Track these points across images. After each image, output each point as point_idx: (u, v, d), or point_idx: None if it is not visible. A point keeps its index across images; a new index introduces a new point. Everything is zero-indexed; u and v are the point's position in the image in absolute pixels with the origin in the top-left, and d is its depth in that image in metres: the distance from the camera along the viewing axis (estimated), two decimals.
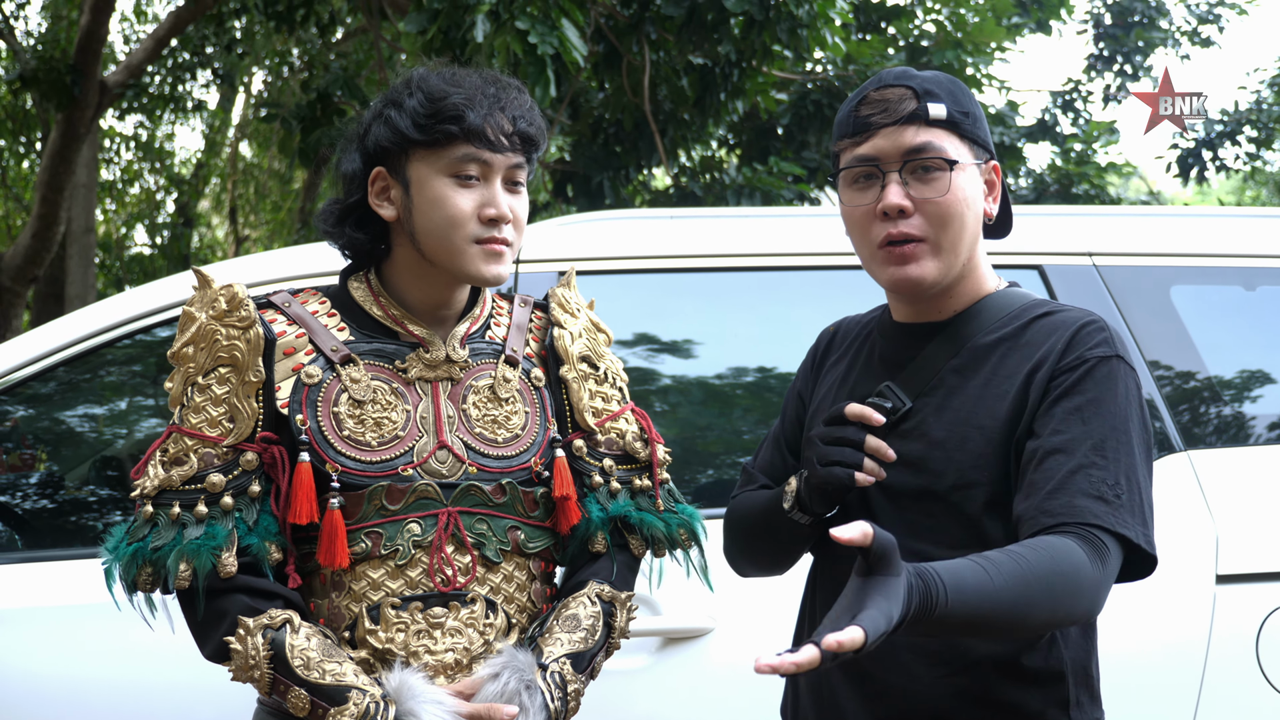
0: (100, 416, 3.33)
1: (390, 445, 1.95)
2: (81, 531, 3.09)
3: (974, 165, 1.94)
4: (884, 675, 1.89)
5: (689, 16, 7.82)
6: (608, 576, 2.07)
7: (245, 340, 1.93)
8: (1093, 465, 1.77)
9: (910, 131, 1.90)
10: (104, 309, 3.00)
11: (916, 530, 1.88)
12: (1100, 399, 1.81)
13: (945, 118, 1.90)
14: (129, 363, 3.25)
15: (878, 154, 1.91)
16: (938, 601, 1.62)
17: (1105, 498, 1.75)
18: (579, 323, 2.17)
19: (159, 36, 11.08)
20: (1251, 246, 3.24)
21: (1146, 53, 14.34)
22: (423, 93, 1.96)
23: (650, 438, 2.17)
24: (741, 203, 9.23)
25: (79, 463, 3.33)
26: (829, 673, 1.96)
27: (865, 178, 1.93)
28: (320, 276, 2.95)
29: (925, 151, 1.89)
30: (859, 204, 1.94)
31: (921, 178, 1.90)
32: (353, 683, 1.83)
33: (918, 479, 1.89)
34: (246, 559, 1.88)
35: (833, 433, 1.94)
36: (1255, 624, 2.72)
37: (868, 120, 1.92)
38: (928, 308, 1.98)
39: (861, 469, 1.90)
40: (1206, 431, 3.05)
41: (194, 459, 1.90)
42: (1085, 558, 1.70)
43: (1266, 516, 2.85)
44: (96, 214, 15.45)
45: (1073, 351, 1.84)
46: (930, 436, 1.89)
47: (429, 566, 1.93)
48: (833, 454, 1.92)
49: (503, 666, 1.91)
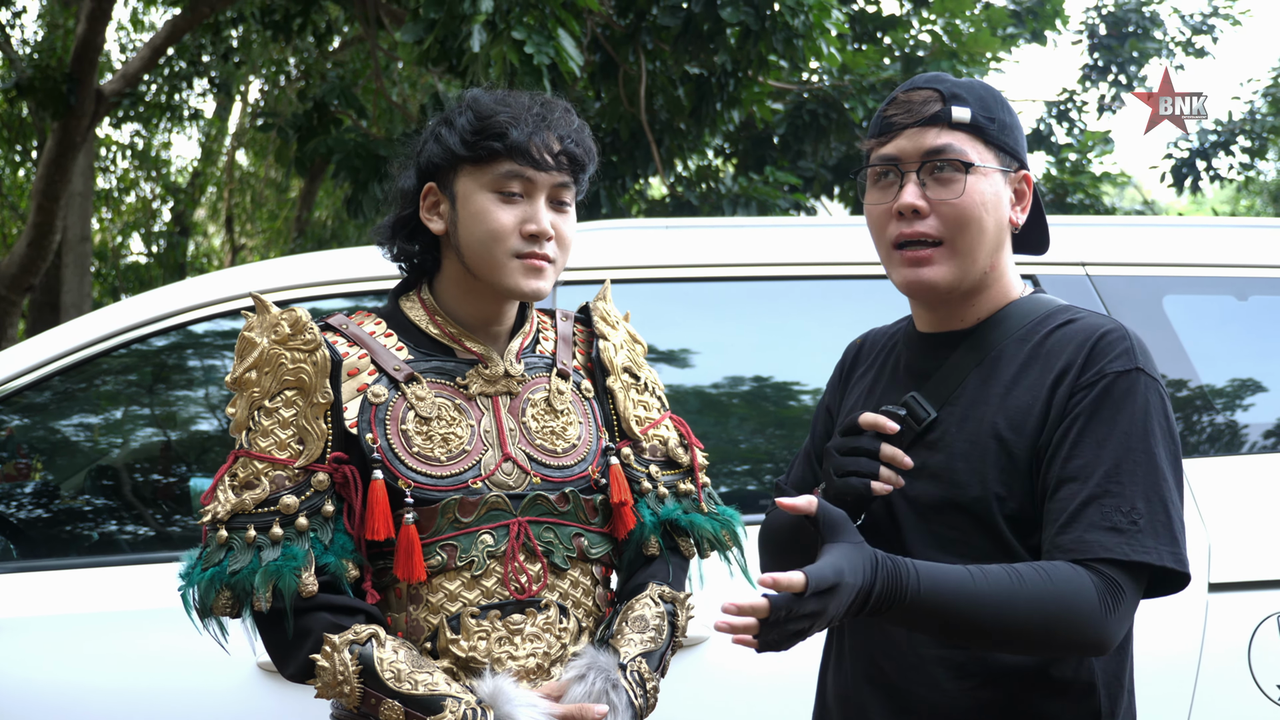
0: (96, 426, 3.33)
1: (458, 459, 1.99)
2: (76, 541, 3.09)
3: (999, 171, 1.93)
4: (911, 688, 1.89)
5: (685, 27, 7.83)
6: (665, 578, 2.13)
7: (312, 363, 1.97)
8: (1105, 494, 1.76)
9: (932, 133, 1.90)
10: (99, 318, 3.00)
11: (942, 542, 1.88)
12: (1116, 418, 1.80)
13: (969, 121, 1.91)
14: (124, 372, 3.25)
15: (899, 154, 1.92)
16: (908, 586, 1.64)
17: (1119, 527, 1.75)
18: (619, 334, 2.24)
19: (155, 45, 11.08)
20: (1243, 256, 3.26)
21: (1141, 63, 14.36)
22: (472, 111, 2.02)
23: (689, 443, 2.24)
24: (737, 212, 9.24)
25: (74, 472, 3.33)
26: (858, 686, 1.97)
27: (885, 176, 1.94)
28: (325, 285, 2.97)
29: (944, 153, 1.89)
30: (878, 203, 1.95)
31: (939, 178, 1.90)
32: (446, 691, 1.87)
33: (941, 490, 1.89)
34: (325, 577, 1.91)
35: (848, 443, 1.95)
36: (1247, 632, 2.73)
37: (892, 120, 1.94)
38: (950, 316, 1.98)
39: (878, 478, 1.90)
40: (1199, 440, 3.06)
41: (265, 481, 1.93)
42: (1091, 589, 1.71)
43: (1258, 525, 2.86)
44: (92, 223, 15.44)
45: (1092, 365, 1.83)
46: (954, 448, 1.89)
47: (503, 575, 1.98)
48: (848, 464, 1.93)
49: (587, 668, 1.97)
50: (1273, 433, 3.11)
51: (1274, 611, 2.75)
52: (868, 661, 1.96)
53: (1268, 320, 3.27)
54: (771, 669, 2.68)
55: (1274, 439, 3.10)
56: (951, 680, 1.86)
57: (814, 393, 3.24)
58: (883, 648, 1.93)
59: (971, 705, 1.85)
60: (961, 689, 1.85)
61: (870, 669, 1.95)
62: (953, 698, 1.86)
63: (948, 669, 1.86)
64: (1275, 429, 3.12)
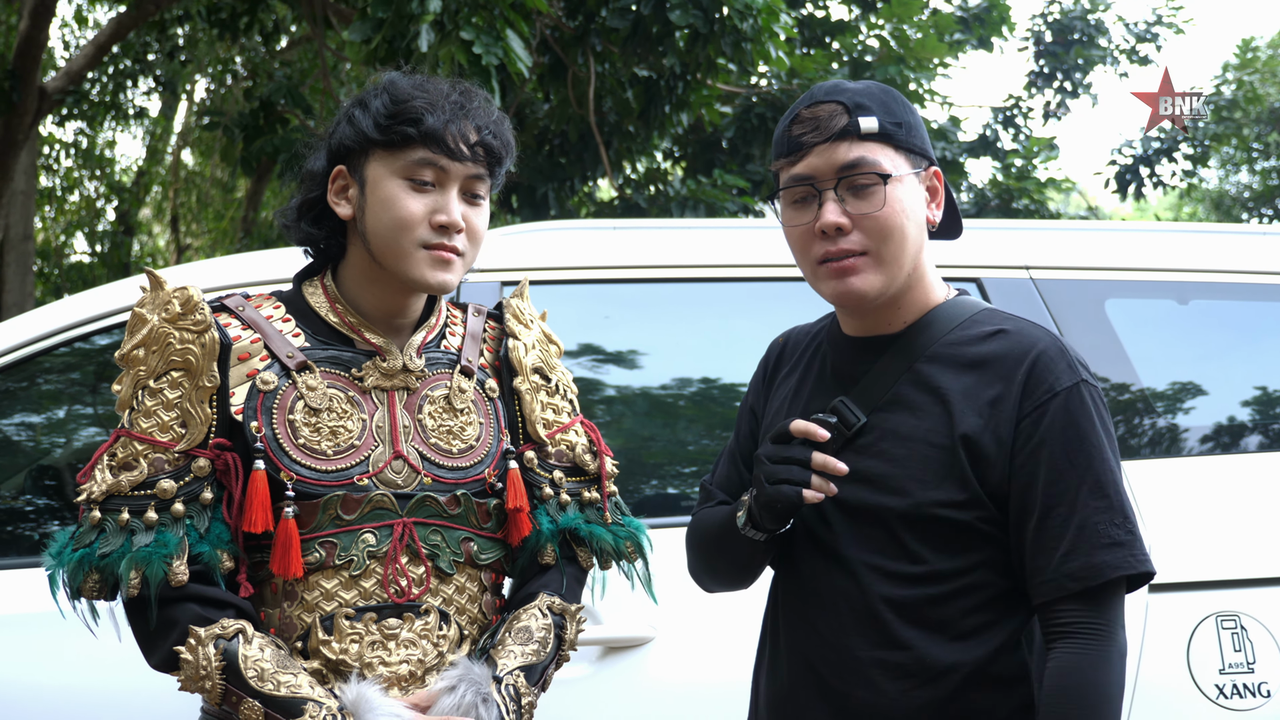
0: (37, 425, 3.29)
1: (346, 454, 1.93)
2: (17, 541, 3.05)
3: (912, 175, 1.93)
4: (850, 690, 1.89)
5: (634, 29, 7.84)
6: (558, 589, 2.07)
7: (200, 344, 1.90)
8: (1096, 511, 1.81)
9: (843, 148, 1.89)
10: (41, 316, 2.97)
11: (874, 546, 1.89)
12: (1083, 433, 1.83)
13: (878, 130, 1.90)
14: (66, 370, 3.22)
15: (812, 172, 1.91)
16: None
17: (1118, 540, 1.80)
18: (532, 334, 2.17)
19: (100, 43, 10.96)
20: (1184, 261, 3.30)
21: (1086, 70, 14.51)
22: (388, 94, 1.96)
23: (599, 450, 2.17)
24: (686, 214, 9.26)
25: (15, 472, 3.29)
26: (794, 690, 1.96)
27: (803, 198, 1.93)
28: (269, 284, 2.94)
29: (859, 167, 1.88)
30: (798, 223, 1.94)
31: (857, 193, 1.89)
32: (308, 694, 1.81)
33: (876, 497, 1.89)
34: (197, 567, 1.85)
35: (779, 451, 1.93)
36: (1186, 632, 2.76)
37: (800, 139, 1.92)
38: (877, 320, 1.98)
39: (809, 486, 1.89)
40: (1140, 443, 3.09)
41: (144, 464, 1.87)
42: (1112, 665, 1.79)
43: (1197, 527, 2.90)
44: (35, 221, 15.24)
45: (1038, 386, 1.85)
46: (889, 454, 1.89)
47: (383, 577, 1.92)
48: (780, 472, 1.91)
49: (458, 679, 1.89)
50: (1210, 436, 3.15)
51: (1212, 612, 2.78)
52: (804, 664, 1.95)
53: (1208, 324, 3.32)
54: (711, 674, 2.69)
55: (1212, 443, 3.14)
56: (890, 681, 1.87)
57: None
58: (819, 650, 1.93)
59: (910, 706, 1.86)
60: (900, 689, 1.86)
61: (807, 673, 1.95)
62: (891, 699, 1.87)
63: (885, 670, 1.87)
64: (1214, 432, 3.16)
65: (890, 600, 1.87)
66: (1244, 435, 3.20)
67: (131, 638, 1.90)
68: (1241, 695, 2.72)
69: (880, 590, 1.88)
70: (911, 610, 1.87)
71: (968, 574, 1.86)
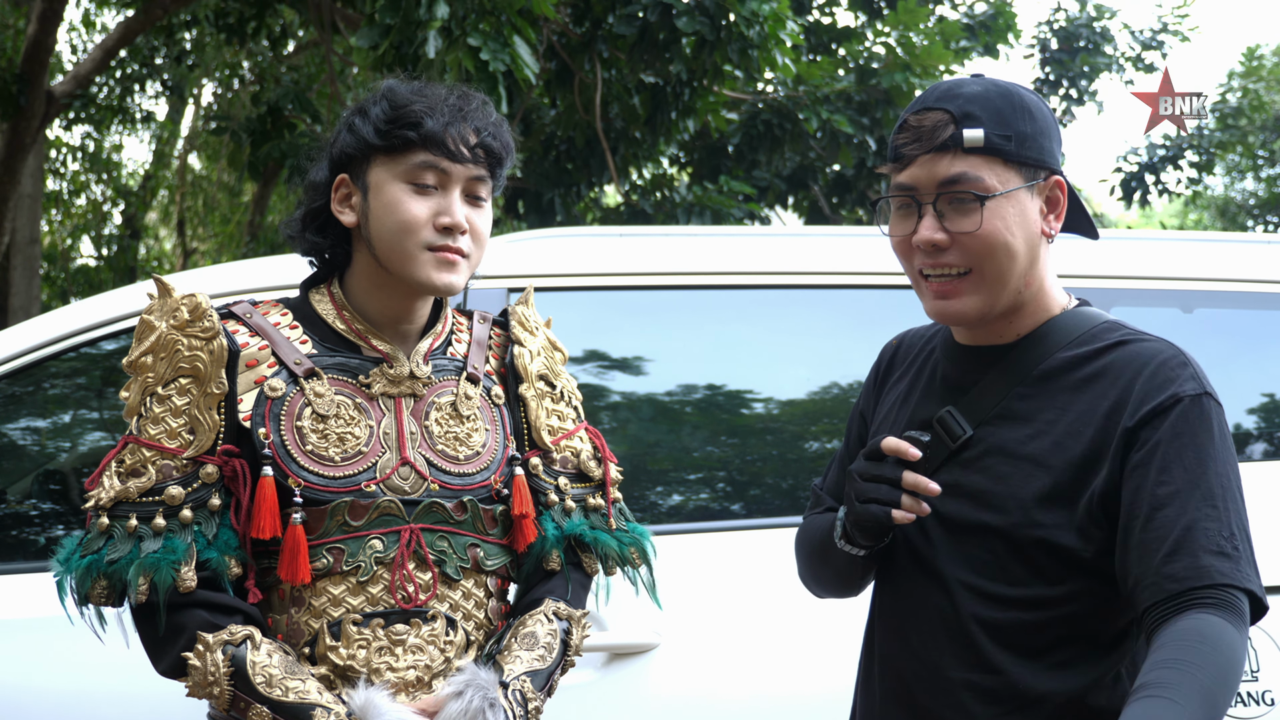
0: (44, 430, 3.30)
1: (353, 461, 1.94)
2: (23, 546, 3.06)
3: (1023, 189, 1.82)
4: (940, 711, 1.84)
5: (641, 35, 7.85)
6: (563, 594, 2.07)
7: (208, 351, 1.91)
8: (1206, 518, 1.69)
9: (945, 161, 1.80)
10: (48, 322, 2.97)
11: (975, 565, 1.82)
12: (1200, 443, 1.73)
13: (983, 144, 1.79)
14: (73, 376, 3.22)
15: (914, 183, 1.83)
16: None
17: (1225, 552, 1.67)
18: (538, 341, 2.17)
19: (108, 47, 10.99)
20: (1189, 270, 3.29)
21: (1092, 77, 14.50)
22: (387, 101, 1.97)
23: (603, 456, 2.18)
24: (692, 221, 9.26)
25: (21, 477, 3.30)
26: (886, 708, 1.92)
27: (905, 205, 1.86)
28: (276, 290, 2.95)
29: (959, 184, 1.79)
30: (899, 233, 1.87)
31: (957, 209, 1.80)
32: (316, 700, 1.82)
33: (980, 514, 1.82)
34: (205, 573, 1.86)
35: (870, 469, 1.86)
36: None
37: (902, 149, 1.84)
38: (988, 331, 1.90)
39: (899, 506, 1.82)
40: None
41: (152, 470, 1.88)
42: (1234, 632, 1.62)
43: None
44: (42, 225, 15.27)
45: (1160, 392, 1.75)
46: (994, 470, 1.82)
47: (390, 583, 1.92)
48: (870, 490, 1.84)
49: (466, 684, 1.90)
50: None
51: None
52: (897, 682, 1.90)
53: (1212, 333, 3.31)
54: (716, 681, 2.70)
55: None
56: (979, 705, 1.80)
57: (767, 401, 3.26)
58: (912, 669, 1.88)
59: None
60: (990, 715, 1.80)
61: (899, 690, 1.90)
62: None
63: (975, 693, 1.81)
64: None
65: (983, 621, 1.81)
66: (1249, 444, 3.19)
67: (139, 643, 1.90)
68: (1245, 704, 2.72)
69: (973, 610, 1.82)
70: (1005, 633, 1.80)
71: (1066, 603, 1.79)
